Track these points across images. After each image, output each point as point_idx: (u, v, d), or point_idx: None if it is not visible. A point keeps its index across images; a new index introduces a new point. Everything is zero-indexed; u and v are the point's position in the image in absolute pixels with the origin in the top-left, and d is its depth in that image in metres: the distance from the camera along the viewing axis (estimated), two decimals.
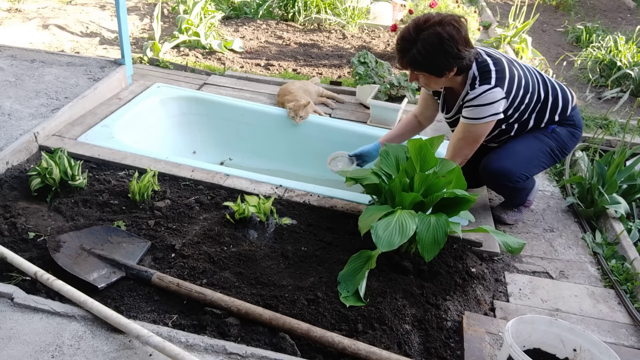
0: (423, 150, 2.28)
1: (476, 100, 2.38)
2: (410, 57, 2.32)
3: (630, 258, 2.51)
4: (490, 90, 2.36)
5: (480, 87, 2.37)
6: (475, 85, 2.39)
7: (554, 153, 2.63)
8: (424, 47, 2.27)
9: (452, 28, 2.27)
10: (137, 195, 2.55)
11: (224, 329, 1.88)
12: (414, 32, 2.29)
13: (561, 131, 2.62)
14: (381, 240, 2.02)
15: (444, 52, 2.27)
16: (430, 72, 2.36)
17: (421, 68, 2.36)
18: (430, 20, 2.28)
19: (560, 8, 8.04)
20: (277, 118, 3.67)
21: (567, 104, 2.61)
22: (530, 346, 1.83)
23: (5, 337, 1.76)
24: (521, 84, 2.45)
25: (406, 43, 2.32)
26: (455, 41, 2.27)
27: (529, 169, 2.58)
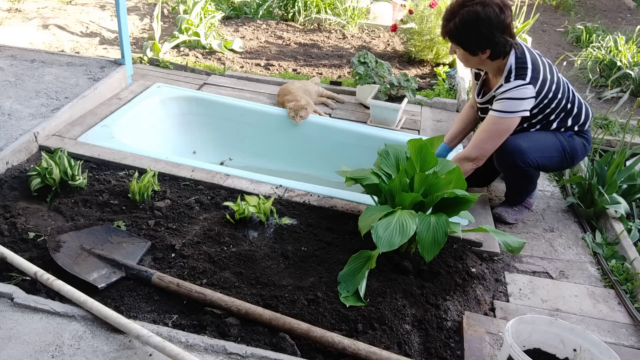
0: (423, 150, 2.28)
1: (508, 94, 2.44)
2: (448, 28, 2.45)
3: (630, 258, 2.51)
4: (523, 86, 2.43)
5: (515, 81, 2.45)
6: (511, 78, 2.47)
7: (565, 155, 2.66)
8: (461, 22, 2.38)
9: (493, 11, 2.33)
10: (137, 195, 2.55)
11: (224, 329, 1.88)
12: (457, 6, 2.41)
13: (576, 139, 2.70)
14: (381, 241, 2.02)
15: (477, 32, 2.37)
16: (463, 47, 2.47)
17: (455, 41, 2.48)
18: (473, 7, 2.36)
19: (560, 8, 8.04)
20: (277, 118, 3.67)
21: (588, 119, 2.71)
22: (530, 346, 1.83)
23: (5, 337, 1.76)
24: (551, 88, 2.51)
25: (448, 14, 2.45)
26: (491, 24, 2.34)
27: (541, 158, 2.60)
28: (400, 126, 3.73)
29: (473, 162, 2.56)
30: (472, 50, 2.46)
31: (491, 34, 2.36)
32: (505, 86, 2.47)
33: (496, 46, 2.40)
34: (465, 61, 2.57)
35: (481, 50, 2.43)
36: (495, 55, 2.45)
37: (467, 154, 2.56)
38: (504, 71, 2.50)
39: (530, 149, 2.56)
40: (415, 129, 3.72)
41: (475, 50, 2.45)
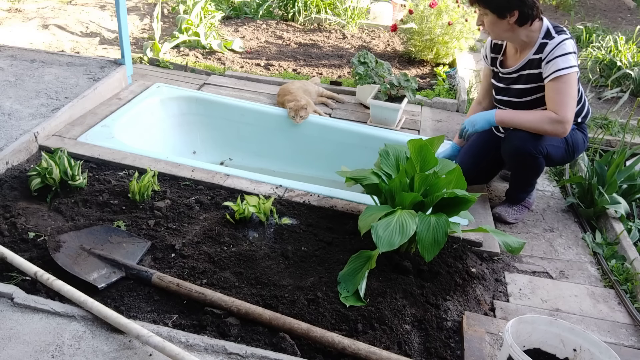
0: (423, 150, 2.28)
1: (558, 49, 2.45)
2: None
3: (630, 258, 2.51)
4: (567, 39, 2.47)
5: (559, 35, 2.48)
6: (552, 35, 2.49)
7: (568, 147, 2.68)
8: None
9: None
10: (137, 195, 2.55)
11: (224, 329, 1.88)
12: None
13: (577, 133, 2.72)
14: (381, 240, 2.02)
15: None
16: (492, 10, 2.47)
17: (482, 3, 2.48)
18: None
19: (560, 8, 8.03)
20: (277, 118, 3.67)
21: (589, 112, 2.75)
22: (530, 346, 1.83)
23: (5, 337, 1.76)
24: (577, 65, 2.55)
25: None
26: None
27: (549, 146, 2.61)
28: (400, 126, 3.73)
29: (564, 125, 2.47)
30: (501, 12, 2.45)
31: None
32: (552, 43, 2.47)
33: (524, 6, 2.41)
34: (494, 28, 2.54)
35: (509, 11, 2.43)
36: (523, 18, 2.45)
37: (564, 114, 2.46)
38: (541, 32, 2.51)
39: (540, 137, 2.57)
40: (415, 129, 3.72)
41: (503, 12, 2.44)
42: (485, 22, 2.55)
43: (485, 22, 2.55)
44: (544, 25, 2.53)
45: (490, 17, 2.50)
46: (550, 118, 2.49)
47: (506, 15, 2.45)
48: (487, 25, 2.56)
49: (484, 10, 2.51)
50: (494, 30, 2.57)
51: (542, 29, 2.53)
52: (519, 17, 2.45)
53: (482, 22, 2.58)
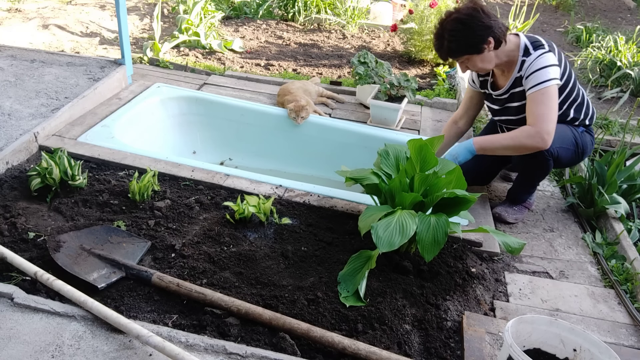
0: (423, 150, 2.28)
1: (535, 64, 2.48)
2: (445, 49, 2.52)
3: (630, 258, 2.51)
4: (545, 53, 2.49)
5: (535, 51, 2.51)
6: (530, 51, 2.52)
7: (577, 148, 2.69)
8: (451, 34, 2.46)
9: (468, 8, 2.46)
10: (137, 195, 2.55)
11: (224, 329, 1.88)
12: (440, 28, 2.52)
13: (586, 136, 2.75)
14: (381, 241, 2.01)
15: (470, 29, 2.44)
16: (469, 52, 2.50)
17: (459, 53, 2.52)
18: (449, 14, 2.51)
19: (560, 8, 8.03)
20: (277, 118, 3.67)
21: (594, 114, 2.76)
22: (530, 346, 1.83)
23: (5, 337, 1.76)
24: (566, 67, 2.58)
25: (438, 40, 2.54)
26: (475, 16, 2.44)
27: (560, 148, 2.61)
28: (400, 126, 3.73)
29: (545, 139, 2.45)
30: (479, 47, 2.46)
31: (480, 22, 2.43)
32: (529, 59, 2.50)
33: (494, 29, 2.44)
34: (481, 64, 2.54)
35: (484, 41, 2.45)
36: (498, 40, 2.47)
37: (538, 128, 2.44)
38: (520, 50, 2.54)
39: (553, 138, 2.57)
40: (415, 129, 3.72)
41: (481, 46, 2.46)
42: (470, 65, 2.57)
43: (471, 65, 2.57)
44: (522, 42, 2.55)
45: (472, 58, 2.52)
46: (528, 132, 2.48)
47: (484, 47, 2.47)
48: (475, 66, 2.56)
49: (464, 57, 2.53)
50: (484, 66, 2.56)
51: (521, 47, 2.55)
52: (495, 42, 2.47)
53: (467, 67, 2.60)
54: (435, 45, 2.57)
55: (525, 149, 2.50)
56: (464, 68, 2.61)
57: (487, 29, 2.43)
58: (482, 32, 2.43)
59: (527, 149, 2.50)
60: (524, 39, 2.55)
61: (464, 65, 2.59)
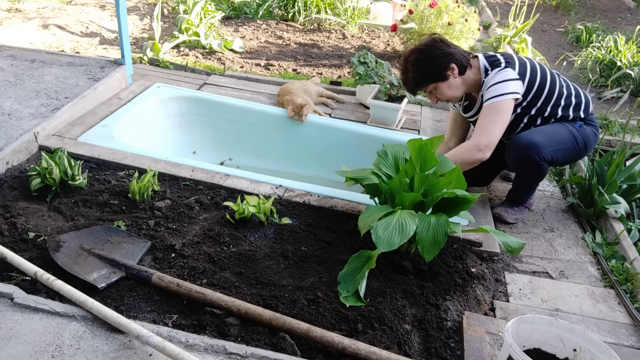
0: (423, 150, 2.28)
1: (492, 81, 2.56)
2: (411, 80, 2.65)
3: (630, 258, 2.51)
4: (501, 70, 2.56)
5: (492, 71, 2.59)
6: (488, 72, 2.60)
7: (578, 144, 2.68)
8: (414, 66, 2.60)
9: (427, 40, 2.61)
10: (137, 195, 2.55)
11: (224, 329, 1.88)
12: (404, 62, 2.65)
13: (587, 128, 2.74)
14: (381, 241, 2.01)
15: (430, 57, 2.57)
16: (433, 80, 2.61)
17: (424, 82, 2.63)
18: (410, 50, 2.65)
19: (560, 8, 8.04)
20: (277, 118, 3.67)
21: (589, 102, 2.76)
22: (530, 346, 1.83)
23: (5, 337, 1.76)
24: (536, 71, 2.62)
25: (403, 74, 2.68)
26: (434, 46, 2.57)
27: (555, 151, 2.61)
28: (400, 126, 3.73)
29: (483, 151, 2.49)
30: (442, 75, 2.57)
31: (440, 50, 2.54)
32: (487, 80, 2.58)
33: (455, 55, 2.55)
34: (449, 91, 2.63)
35: (446, 68, 2.55)
36: (462, 66, 2.58)
37: (476, 141, 2.51)
38: (481, 72, 2.62)
39: (545, 142, 2.57)
40: (415, 129, 3.72)
41: (443, 74, 2.57)
42: (438, 94, 2.65)
43: (439, 94, 2.65)
44: (481, 64, 2.63)
45: (439, 86, 2.61)
46: (467, 147, 2.55)
47: (447, 74, 2.56)
48: (443, 94, 2.64)
49: (430, 86, 2.63)
50: (452, 93, 2.64)
51: (481, 69, 2.62)
52: (458, 68, 2.56)
53: (436, 97, 2.68)
54: (402, 80, 2.70)
55: (468, 163, 2.53)
56: (434, 99, 2.69)
57: (447, 55, 2.55)
58: (442, 59, 2.55)
59: (469, 163, 2.54)
60: (483, 60, 2.63)
61: (433, 96, 2.68)
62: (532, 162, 2.58)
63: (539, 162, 2.57)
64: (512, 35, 5.52)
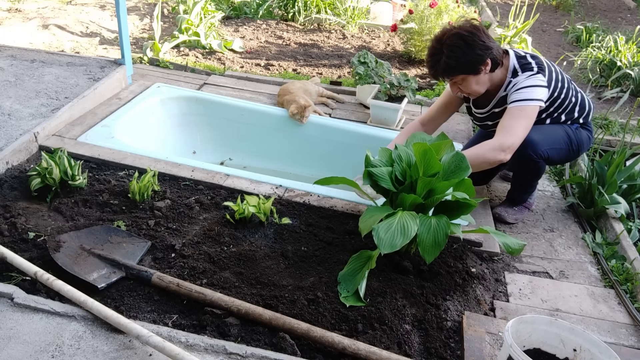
0: (427, 155, 2.26)
1: (522, 83, 2.46)
2: (441, 65, 2.42)
3: (630, 258, 2.51)
4: (533, 76, 2.46)
5: (523, 74, 2.48)
6: (518, 74, 2.49)
7: (572, 146, 2.68)
8: (450, 50, 2.38)
9: (469, 26, 2.41)
10: (137, 195, 2.55)
11: (224, 329, 1.88)
12: (437, 43, 2.42)
13: (582, 132, 2.74)
14: (383, 242, 2.01)
15: (470, 47, 2.37)
16: (466, 71, 2.43)
17: (456, 71, 2.43)
18: (449, 29, 2.43)
19: (560, 8, 8.04)
20: (277, 118, 3.67)
21: (590, 110, 2.76)
22: (530, 346, 1.83)
23: (5, 337, 1.76)
24: (559, 78, 2.57)
25: (434, 56, 2.44)
26: (476, 35, 2.38)
27: (550, 149, 2.61)
28: (401, 126, 3.73)
29: (505, 152, 2.40)
30: (476, 68, 2.41)
31: (481, 41, 2.37)
32: (515, 80, 2.47)
33: (491, 50, 2.40)
34: (476, 86, 2.48)
35: (481, 62, 2.39)
36: (495, 62, 2.43)
37: (502, 141, 2.39)
38: (508, 72, 2.51)
39: (541, 140, 2.56)
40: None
41: (477, 67, 2.41)
42: (464, 86, 2.49)
43: (464, 87, 2.49)
44: (511, 63, 2.51)
45: (468, 79, 2.45)
46: (491, 146, 2.42)
47: (481, 68, 2.41)
48: (468, 87, 2.48)
49: (460, 77, 2.46)
50: (478, 88, 2.50)
51: (510, 69, 2.51)
52: (491, 64, 2.43)
53: (459, 89, 2.52)
54: (430, 62, 2.47)
55: (489, 163, 2.43)
56: (455, 89, 2.53)
57: (487, 49, 2.38)
58: (482, 51, 2.38)
59: (490, 163, 2.44)
60: (513, 60, 2.51)
61: (457, 87, 2.51)
62: (529, 159, 2.58)
63: (535, 159, 2.57)
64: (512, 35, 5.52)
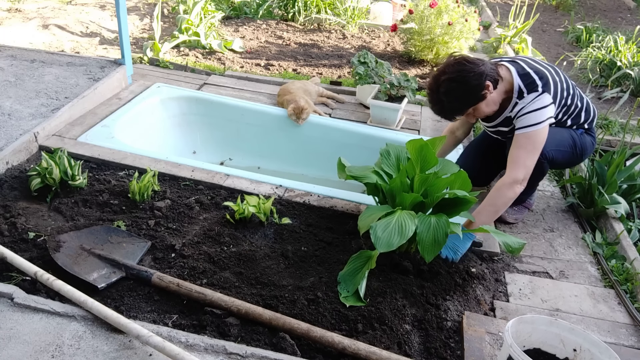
0: (424, 150, 2.28)
1: (527, 107, 2.43)
2: (447, 110, 2.45)
3: (630, 258, 2.51)
4: (538, 97, 2.43)
5: (529, 95, 2.44)
6: (524, 95, 2.45)
7: (576, 150, 2.68)
8: (448, 96, 2.39)
9: (454, 63, 2.39)
10: (137, 195, 2.55)
11: (224, 329, 1.88)
12: (434, 94, 2.42)
13: (586, 137, 2.73)
14: (380, 241, 2.01)
15: (465, 83, 2.37)
16: (473, 104, 2.43)
17: (464, 108, 2.45)
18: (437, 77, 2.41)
19: (560, 8, 8.04)
20: (277, 118, 3.67)
21: (595, 116, 2.74)
22: (530, 346, 1.83)
23: (5, 337, 1.76)
24: (564, 87, 2.54)
25: (437, 104, 2.45)
26: (464, 69, 2.36)
27: (555, 151, 2.60)
28: (400, 126, 3.73)
29: (522, 184, 2.40)
30: (479, 97, 2.40)
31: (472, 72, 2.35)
32: (521, 103, 2.45)
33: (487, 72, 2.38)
34: (486, 109, 2.47)
35: (482, 88, 2.38)
36: (495, 81, 2.42)
37: (514, 176, 2.38)
38: (514, 92, 2.48)
39: (547, 141, 2.54)
40: (415, 129, 3.72)
41: (480, 95, 2.39)
42: (477, 113, 2.49)
43: (478, 113, 2.49)
44: (515, 83, 2.47)
45: (478, 107, 2.44)
46: (506, 184, 2.39)
47: (484, 94, 2.40)
48: (482, 112, 2.48)
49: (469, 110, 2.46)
50: (491, 109, 2.49)
51: (515, 87, 2.47)
52: (492, 84, 2.40)
53: (473, 116, 2.52)
54: (436, 110, 2.48)
55: (510, 199, 2.41)
56: (472, 118, 2.54)
57: (480, 75, 2.36)
58: (477, 81, 2.36)
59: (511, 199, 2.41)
60: (517, 79, 2.46)
61: (472, 116, 2.51)
62: None
63: (539, 158, 2.57)
64: (512, 35, 5.52)
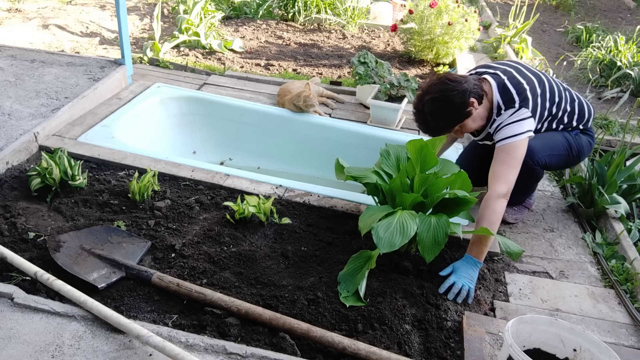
0: (423, 150, 2.28)
1: (505, 122, 2.43)
2: (434, 129, 2.47)
3: (630, 258, 2.51)
4: (516, 112, 2.43)
5: (506, 112, 2.45)
6: (501, 111, 2.46)
7: (572, 152, 2.67)
8: (433, 115, 2.41)
9: (437, 82, 2.41)
10: (137, 195, 2.55)
11: (224, 329, 1.88)
12: (420, 114, 2.46)
13: (582, 137, 2.72)
14: (382, 241, 2.01)
15: (448, 102, 2.39)
16: (459, 122, 2.44)
17: (451, 126, 2.46)
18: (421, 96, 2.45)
19: (560, 8, 8.04)
20: (277, 118, 3.67)
21: (590, 117, 2.72)
22: (530, 346, 1.83)
23: (5, 337, 1.76)
24: (546, 99, 2.52)
25: (424, 123, 2.49)
26: (447, 88, 2.38)
27: (549, 156, 2.60)
28: (400, 126, 3.73)
29: (506, 196, 2.36)
30: (464, 114, 2.41)
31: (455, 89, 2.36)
32: (499, 120, 2.45)
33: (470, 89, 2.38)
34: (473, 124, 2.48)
35: (467, 105, 2.39)
36: (479, 96, 2.42)
37: (498, 191, 2.34)
38: (493, 109, 2.48)
39: (539, 147, 2.55)
40: (415, 129, 3.72)
41: (465, 112, 2.40)
42: (464, 129, 2.50)
43: (465, 129, 2.50)
44: (494, 98, 2.47)
45: (465, 123, 2.45)
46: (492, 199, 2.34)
47: (470, 110, 2.40)
48: (469, 128, 2.49)
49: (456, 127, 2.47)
50: (478, 124, 2.49)
51: (494, 103, 2.47)
52: (477, 100, 2.41)
53: (461, 132, 2.53)
54: (423, 129, 2.52)
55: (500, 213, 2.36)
56: (460, 134, 2.55)
57: (464, 93, 2.36)
58: (460, 98, 2.37)
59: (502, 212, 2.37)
60: (496, 94, 2.46)
61: (459, 132, 2.53)
62: (525, 166, 2.57)
63: (532, 165, 2.57)
64: (512, 35, 5.52)
